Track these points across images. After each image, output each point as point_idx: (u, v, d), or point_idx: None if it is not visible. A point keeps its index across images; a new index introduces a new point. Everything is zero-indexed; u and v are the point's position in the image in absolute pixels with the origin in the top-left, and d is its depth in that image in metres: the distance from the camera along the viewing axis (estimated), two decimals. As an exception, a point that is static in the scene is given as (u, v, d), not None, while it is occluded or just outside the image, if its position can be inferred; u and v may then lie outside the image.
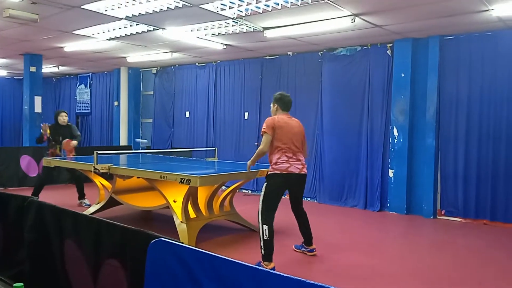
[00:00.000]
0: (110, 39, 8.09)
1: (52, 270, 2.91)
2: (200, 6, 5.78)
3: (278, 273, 1.74)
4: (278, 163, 4.52)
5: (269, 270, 1.83)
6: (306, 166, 4.71)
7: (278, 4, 5.62)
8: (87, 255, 2.66)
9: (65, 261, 2.84)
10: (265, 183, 4.56)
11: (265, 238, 4.31)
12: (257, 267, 1.81)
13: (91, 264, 2.61)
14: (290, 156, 4.55)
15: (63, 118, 7.46)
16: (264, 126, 4.56)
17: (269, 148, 4.57)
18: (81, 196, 7.55)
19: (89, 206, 7.02)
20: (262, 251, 4.32)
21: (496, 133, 6.61)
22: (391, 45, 7.62)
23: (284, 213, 5.06)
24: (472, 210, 6.81)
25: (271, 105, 4.85)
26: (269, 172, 4.61)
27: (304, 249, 4.94)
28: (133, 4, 5.85)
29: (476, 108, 6.79)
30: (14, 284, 2.50)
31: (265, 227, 4.34)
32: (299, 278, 1.64)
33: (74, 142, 7.37)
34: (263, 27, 6.86)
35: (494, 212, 6.62)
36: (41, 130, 7.34)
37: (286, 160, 4.52)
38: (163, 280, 2.03)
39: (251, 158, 4.72)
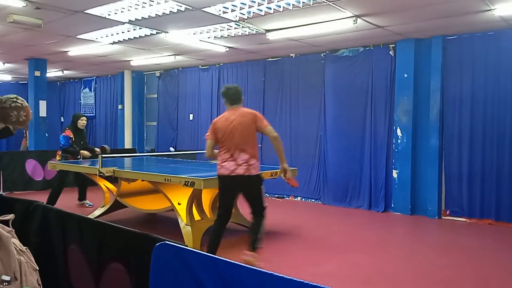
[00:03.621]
0: (114, 43, 8.13)
1: (57, 275, 2.94)
2: (203, 9, 5.80)
3: (282, 275, 1.74)
4: (218, 165, 4.43)
5: (272, 273, 1.83)
6: (243, 165, 4.26)
7: (280, 7, 5.64)
8: (92, 259, 2.68)
9: (69, 265, 2.86)
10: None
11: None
12: (261, 270, 1.81)
13: (95, 268, 2.63)
14: (225, 157, 4.33)
15: (83, 121, 7.36)
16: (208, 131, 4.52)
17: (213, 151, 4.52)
18: (82, 197, 7.73)
19: (92, 205, 7.41)
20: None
21: (500, 133, 6.60)
22: (393, 45, 7.62)
23: (283, 215, 5.06)
24: (477, 210, 6.80)
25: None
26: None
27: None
28: (136, 8, 5.88)
29: (480, 108, 6.78)
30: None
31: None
32: (303, 281, 1.65)
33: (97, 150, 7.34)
34: (265, 29, 6.87)
35: (499, 212, 6.60)
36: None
37: (220, 162, 4.37)
38: (168, 283, 2.05)
39: None
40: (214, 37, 7.45)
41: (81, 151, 7.20)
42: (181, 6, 5.70)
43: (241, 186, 4.35)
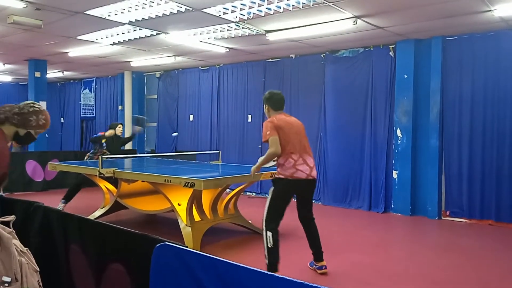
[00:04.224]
0: (114, 44, 8.14)
1: (57, 275, 2.94)
2: (203, 10, 5.81)
3: (282, 276, 1.75)
4: (284, 168, 4.21)
5: (273, 273, 1.84)
6: (314, 168, 4.35)
7: (280, 7, 5.64)
8: (92, 260, 2.68)
9: (70, 266, 2.87)
10: (272, 188, 4.27)
11: (269, 246, 4.05)
12: (261, 271, 1.82)
13: (95, 269, 2.63)
14: (296, 159, 4.21)
15: (121, 129, 7.75)
16: (266, 131, 4.21)
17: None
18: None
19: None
20: (267, 260, 4.08)
21: (500, 133, 6.60)
22: (393, 46, 7.62)
23: (288, 215, 5.05)
24: (477, 211, 6.80)
25: (264, 106, 4.56)
26: (276, 176, 4.31)
27: (314, 266, 4.52)
28: (136, 9, 5.89)
29: (480, 108, 6.78)
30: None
31: (269, 234, 4.08)
32: (303, 281, 1.65)
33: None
34: (265, 30, 6.88)
35: (499, 212, 6.59)
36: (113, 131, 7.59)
37: (292, 164, 4.19)
38: (168, 284, 2.05)
39: (258, 163, 4.33)
40: (214, 38, 7.46)
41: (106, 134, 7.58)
42: (181, 7, 5.71)
43: (311, 188, 4.42)
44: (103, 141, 7.49)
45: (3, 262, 1.92)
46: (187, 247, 2.09)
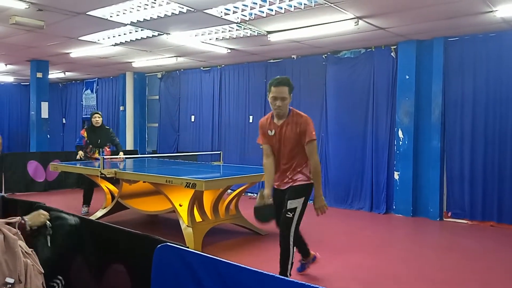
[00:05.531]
0: (116, 44, 8.15)
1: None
2: (204, 11, 5.81)
3: (283, 277, 1.75)
4: (308, 170, 3.91)
5: (274, 274, 1.83)
6: None
7: (282, 8, 5.64)
8: (93, 261, 2.68)
9: (71, 267, 2.87)
10: (302, 198, 3.79)
11: (292, 261, 3.72)
12: (262, 271, 1.81)
13: (97, 270, 2.63)
14: None
15: (96, 119, 7.32)
16: (311, 129, 3.75)
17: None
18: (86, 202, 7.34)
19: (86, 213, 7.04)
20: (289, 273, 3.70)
21: (502, 134, 6.58)
22: (395, 47, 7.61)
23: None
24: (479, 212, 6.78)
25: (289, 96, 3.82)
26: (305, 183, 3.83)
27: (306, 263, 4.36)
28: (137, 10, 5.90)
29: (482, 109, 6.77)
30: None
31: (295, 249, 3.76)
32: (304, 283, 1.65)
33: (122, 156, 7.23)
34: (267, 31, 6.88)
35: (500, 214, 6.58)
36: (78, 157, 7.20)
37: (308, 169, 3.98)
38: (169, 285, 2.05)
39: (319, 187, 3.85)
40: (216, 38, 7.46)
41: (79, 152, 7.20)
42: (183, 8, 5.72)
43: None
44: (85, 138, 7.26)
45: (7, 263, 1.92)
46: (188, 247, 2.09)
